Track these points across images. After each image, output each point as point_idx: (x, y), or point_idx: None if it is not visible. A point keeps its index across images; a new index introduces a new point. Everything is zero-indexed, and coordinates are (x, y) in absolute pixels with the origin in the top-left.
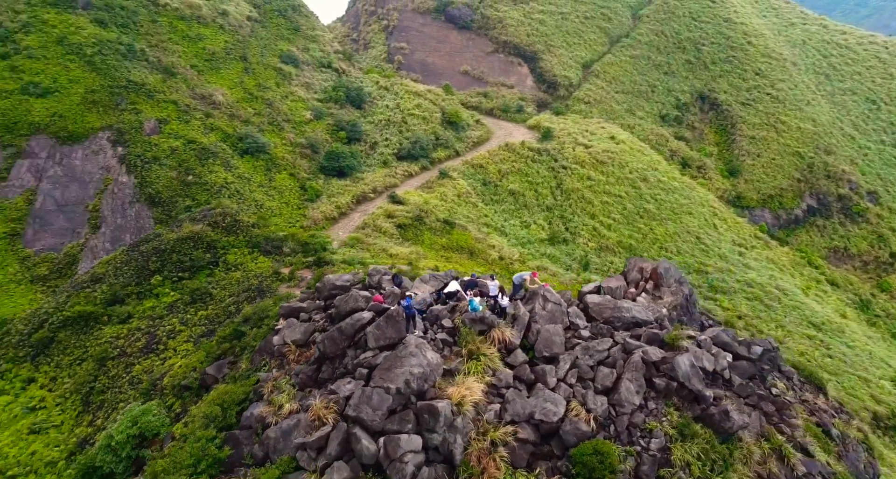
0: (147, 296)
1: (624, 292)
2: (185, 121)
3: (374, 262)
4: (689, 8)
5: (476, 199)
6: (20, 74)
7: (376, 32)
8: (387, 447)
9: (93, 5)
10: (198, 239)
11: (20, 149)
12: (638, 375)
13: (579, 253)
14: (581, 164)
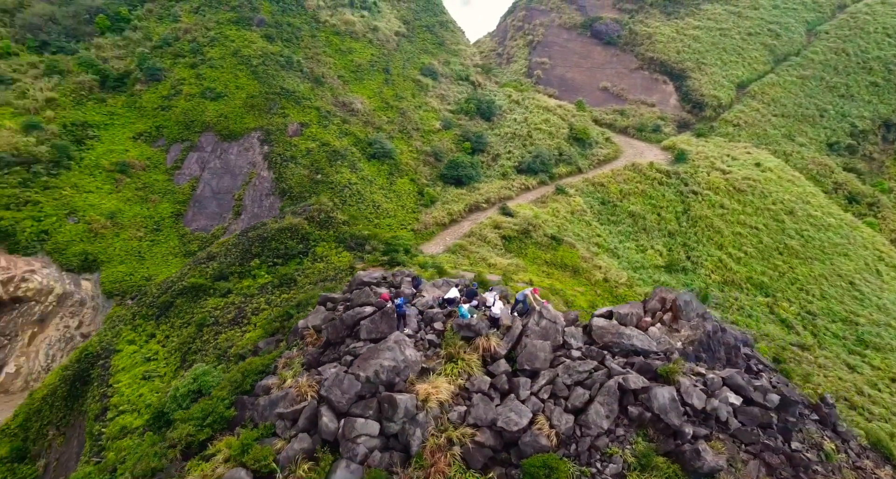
0: (246, 276)
1: (638, 319)
2: (323, 125)
3: (471, 269)
4: (885, 23)
5: (591, 217)
6: (202, 81)
7: (520, 47)
8: (344, 427)
9: (265, 23)
10: (294, 231)
11: (193, 143)
12: (611, 399)
13: (698, 285)
14: (714, 190)
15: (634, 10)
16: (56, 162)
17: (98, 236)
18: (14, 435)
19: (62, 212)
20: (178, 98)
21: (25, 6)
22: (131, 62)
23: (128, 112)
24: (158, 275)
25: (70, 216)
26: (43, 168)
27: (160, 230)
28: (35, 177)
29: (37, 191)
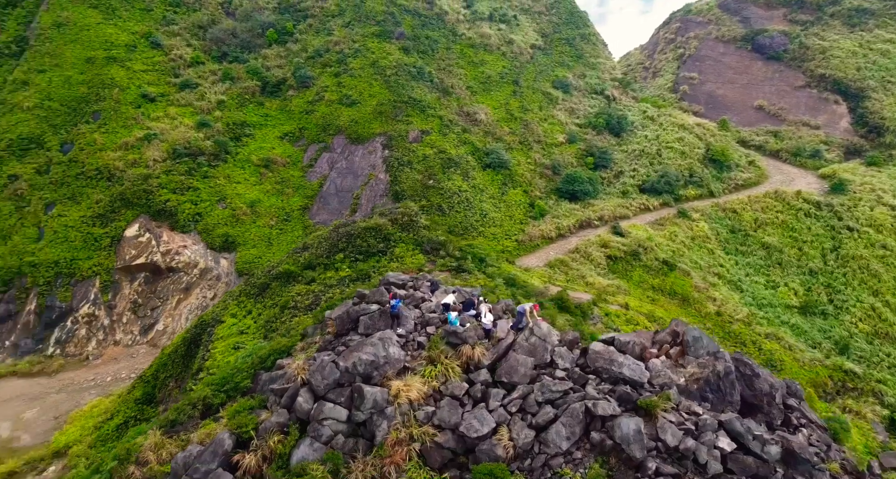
0: (329, 268)
1: (641, 349)
2: (444, 134)
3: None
4: None
5: (715, 245)
6: (342, 89)
7: (669, 61)
8: (315, 409)
9: (404, 36)
10: (378, 230)
11: (327, 145)
12: (574, 422)
13: (839, 333)
14: (876, 227)
15: (810, 21)
16: (216, 155)
17: (239, 222)
18: (147, 382)
19: (214, 198)
20: (320, 103)
21: (216, 22)
22: (288, 70)
23: (279, 114)
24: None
25: (220, 202)
26: (205, 160)
27: (289, 221)
28: (198, 167)
29: (198, 179)
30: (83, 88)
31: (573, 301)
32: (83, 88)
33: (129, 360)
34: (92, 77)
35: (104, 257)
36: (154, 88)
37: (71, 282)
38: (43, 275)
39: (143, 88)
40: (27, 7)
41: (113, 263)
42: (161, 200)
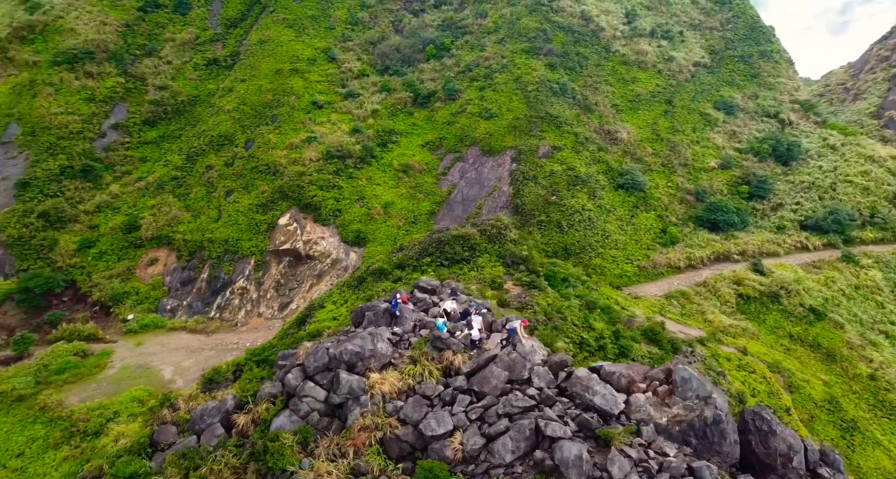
0: (417, 269)
1: (629, 382)
2: (576, 151)
3: (680, 321)
4: None
5: (889, 297)
6: (483, 102)
7: (877, 82)
8: (299, 386)
9: (553, 52)
10: (466, 239)
11: (461, 155)
12: (520, 437)
13: None
14: None
15: None
16: (362, 158)
17: (372, 220)
18: (267, 349)
19: (354, 197)
20: (462, 115)
21: (385, 39)
22: (439, 84)
23: (425, 124)
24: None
25: (358, 201)
26: (352, 162)
27: (416, 223)
28: (345, 168)
29: (343, 179)
30: (269, 95)
31: (670, 335)
32: (269, 95)
33: (266, 331)
34: (277, 86)
35: (260, 240)
36: (323, 96)
37: (234, 258)
38: (216, 250)
39: (315, 97)
40: (245, 27)
41: (266, 246)
42: (309, 195)
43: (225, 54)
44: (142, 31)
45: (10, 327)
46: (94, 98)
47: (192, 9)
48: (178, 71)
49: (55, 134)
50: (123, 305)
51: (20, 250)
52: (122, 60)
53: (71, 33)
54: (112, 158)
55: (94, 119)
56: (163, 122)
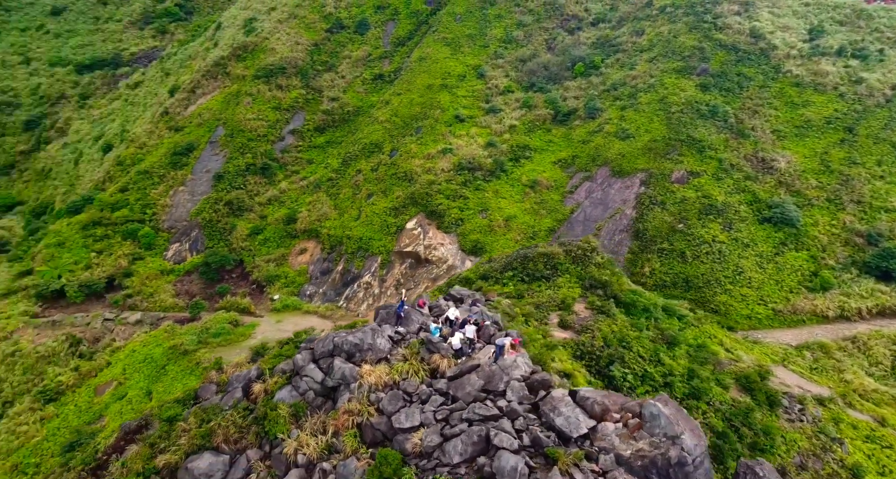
0: (497, 282)
1: (602, 410)
2: (717, 178)
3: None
4: None
5: None
6: (622, 122)
7: None
8: (302, 366)
9: (708, 72)
10: (549, 258)
11: (591, 174)
12: (468, 443)
13: None
14: None
15: None
16: (492, 172)
17: (492, 232)
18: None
19: (478, 208)
20: (598, 135)
21: (535, 56)
22: (582, 102)
23: (561, 141)
24: None
25: (482, 212)
26: (481, 175)
27: (534, 239)
28: (473, 180)
29: (470, 190)
30: (418, 108)
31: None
32: (418, 108)
33: None
34: (427, 100)
35: (388, 241)
36: (467, 110)
37: (365, 255)
38: (352, 246)
39: (459, 111)
40: (410, 46)
41: (392, 247)
42: (436, 203)
43: (390, 70)
44: (326, 49)
45: (192, 293)
46: (280, 107)
47: (370, 29)
48: (349, 85)
49: (247, 136)
50: (274, 286)
51: (209, 231)
52: (306, 75)
53: (271, 52)
54: (286, 158)
55: (278, 125)
56: (330, 129)
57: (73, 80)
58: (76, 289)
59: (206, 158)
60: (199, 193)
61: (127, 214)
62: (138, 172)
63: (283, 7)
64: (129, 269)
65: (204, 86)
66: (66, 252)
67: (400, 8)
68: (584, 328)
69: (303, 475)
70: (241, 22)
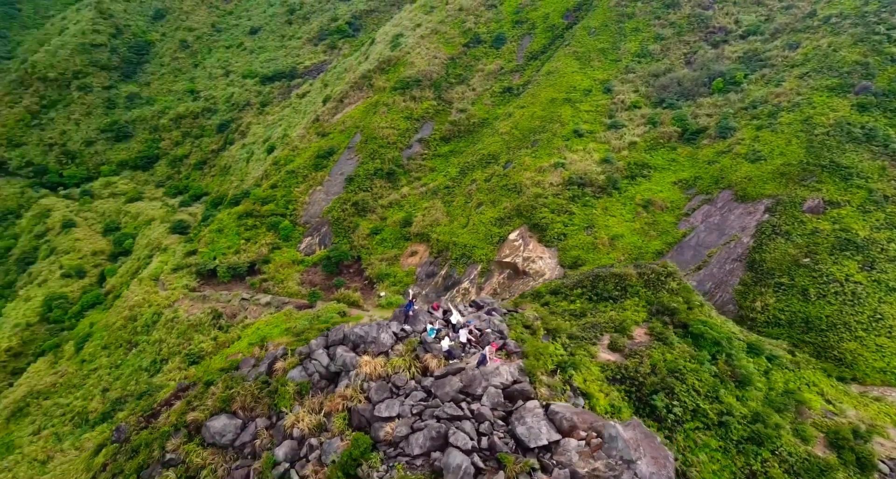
0: (565, 299)
1: (570, 426)
2: (864, 210)
3: None
4: None
5: None
6: (755, 143)
7: None
8: (315, 351)
9: (869, 90)
10: (621, 279)
11: (712, 197)
12: (427, 437)
13: None
14: None
15: None
16: (603, 189)
17: (594, 249)
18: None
19: (583, 225)
20: (726, 155)
21: (670, 71)
22: (714, 120)
23: (685, 161)
24: None
25: (587, 229)
26: (591, 191)
27: (638, 260)
28: (582, 196)
29: (577, 206)
30: (538, 122)
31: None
32: (538, 122)
33: None
34: (548, 113)
35: (490, 250)
36: (587, 125)
37: (467, 262)
38: (456, 252)
39: (579, 126)
40: (543, 60)
41: (493, 256)
42: (539, 216)
43: (519, 84)
44: (461, 63)
45: (314, 283)
46: (411, 116)
47: (506, 43)
48: (478, 97)
49: (378, 143)
50: (383, 283)
51: (337, 228)
52: (439, 87)
53: (410, 65)
54: (410, 165)
55: (407, 133)
56: (455, 139)
57: (257, 89)
58: (225, 270)
59: (342, 161)
60: (333, 193)
61: (273, 208)
62: (287, 172)
63: (427, 23)
64: (267, 256)
65: (351, 96)
66: (223, 238)
67: (537, 22)
68: (634, 353)
69: (294, 446)
70: (390, 38)
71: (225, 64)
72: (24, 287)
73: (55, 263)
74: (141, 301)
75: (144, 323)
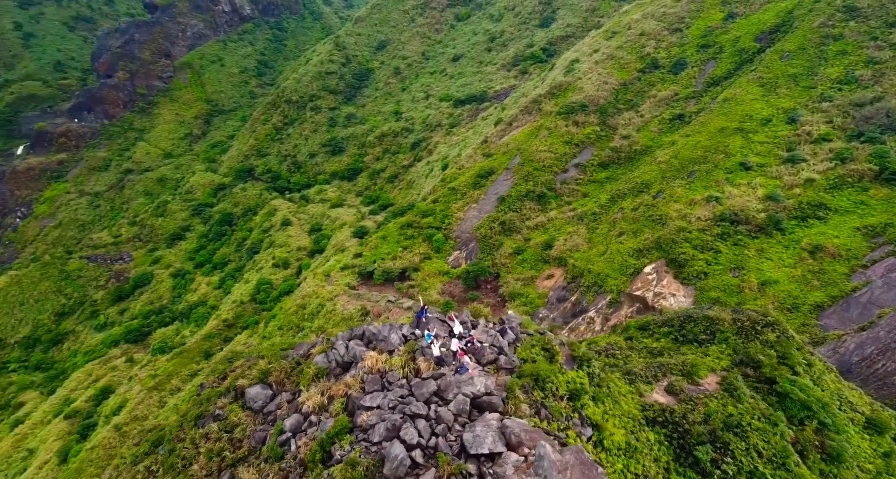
0: (651, 336)
1: (517, 441)
2: None
3: None
4: None
5: None
6: None
7: None
8: (337, 343)
9: None
10: (712, 322)
11: None
12: (384, 428)
13: None
14: None
15: None
16: (762, 228)
17: (739, 294)
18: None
19: (729, 265)
20: None
21: (880, 99)
22: None
23: (877, 205)
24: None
25: (733, 271)
26: (746, 229)
27: (791, 312)
28: (734, 234)
29: (726, 244)
30: (700, 152)
31: None
32: (700, 152)
33: None
34: (713, 143)
35: (622, 281)
36: (757, 158)
37: (598, 291)
38: (589, 280)
39: (747, 158)
40: (724, 86)
41: (625, 288)
42: (679, 252)
43: (692, 111)
44: (634, 89)
45: (452, 294)
46: (571, 141)
47: (686, 68)
48: (645, 124)
49: (534, 166)
50: (514, 302)
51: (483, 244)
52: (605, 112)
53: (578, 91)
54: (563, 189)
55: (564, 157)
56: (614, 165)
57: (449, 112)
58: (380, 273)
59: (499, 182)
60: (485, 211)
61: (430, 221)
62: (449, 189)
63: (604, 49)
64: (418, 265)
65: (519, 119)
66: (385, 244)
67: (725, 46)
68: (690, 399)
69: (300, 420)
70: (567, 63)
71: (427, 88)
72: (248, 271)
73: (271, 254)
74: (311, 293)
75: (311, 311)
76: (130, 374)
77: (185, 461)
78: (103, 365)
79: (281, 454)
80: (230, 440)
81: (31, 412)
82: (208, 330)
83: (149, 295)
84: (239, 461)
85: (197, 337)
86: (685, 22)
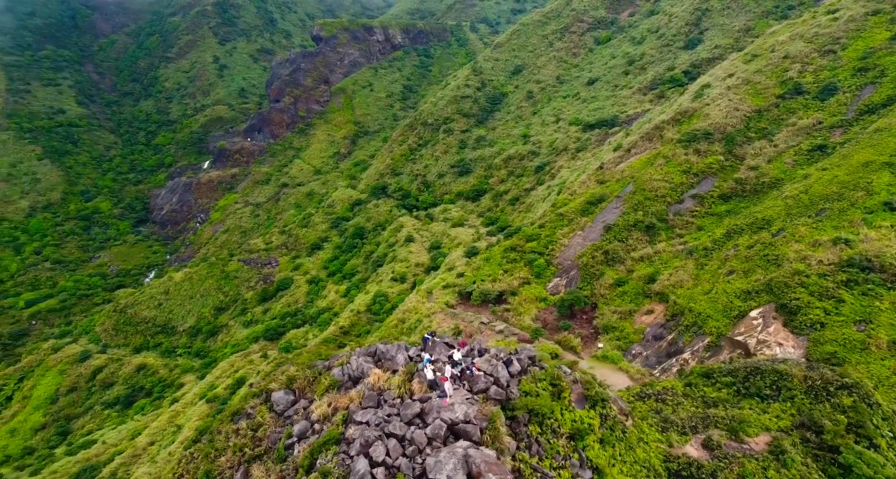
0: (713, 385)
1: (477, 472)
2: None
3: None
4: None
5: None
6: None
7: None
8: (353, 359)
9: None
10: (780, 377)
11: None
12: (360, 443)
13: None
14: None
15: None
16: None
17: (863, 351)
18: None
19: (854, 316)
20: None
21: None
22: None
23: None
24: None
25: (858, 323)
26: (882, 278)
27: None
28: (864, 282)
29: (852, 293)
30: (835, 188)
31: None
32: (835, 188)
33: None
34: (852, 179)
35: (724, 324)
36: None
37: (697, 332)
38: (689, 319)
39: (894, 196)
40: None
41: (727, 332)
42: (792, 296)
43: (838, 142)
44: (769, 116)
45: (546, 321)
46: (689, 170)
47: (836, 94)
48: (779, 154)
49: (646, 195)
50: (607, 335)
51: (584, 273)
52: (732, 141)
53: (704, 117)
54: (675, 221)
55: (680, 188)
56: (736, 198)
57: (577, 136)
58: (478, 295)
59: (608, 210)
60: (590, 239)
61: (534, 246)
62: (556, 214)
63: (740, 73)
64: (516, 289)
65: (639, 146)
66: (488, 266)
67: (888, 69)
68: (725, 457)
69: (307, 426)
70: (698, 87)
71: (558, 112)
72: (370, 283)
73: (391, 268)
74: (412, 308)
75: (409, 326)
76: (259, 368)
77: (217, 452)
78: (243, 358)
79: (285, 456)
80: (253, 438)
81: (186, 392)
82: (326, 335)
83: (287, 298)
84: (256, 458)
85: (316, 341)
86: (840, 43)
